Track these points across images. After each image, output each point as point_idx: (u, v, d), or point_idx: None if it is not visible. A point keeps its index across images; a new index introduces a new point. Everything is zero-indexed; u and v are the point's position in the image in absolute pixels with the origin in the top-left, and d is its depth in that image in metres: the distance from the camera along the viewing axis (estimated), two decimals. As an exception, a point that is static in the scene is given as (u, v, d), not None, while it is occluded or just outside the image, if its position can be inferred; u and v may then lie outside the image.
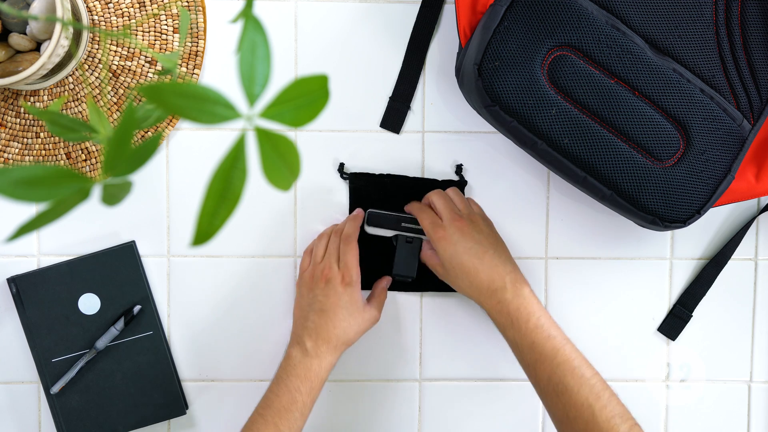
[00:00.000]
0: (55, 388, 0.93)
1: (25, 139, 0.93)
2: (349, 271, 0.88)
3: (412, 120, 0.94)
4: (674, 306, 0.96)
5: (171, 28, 0.92)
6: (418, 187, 0.94)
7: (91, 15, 0.91)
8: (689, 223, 0.85)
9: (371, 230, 0.93)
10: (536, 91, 0.83)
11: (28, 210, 0.93)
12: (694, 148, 0.84)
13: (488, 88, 0.83)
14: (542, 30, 0.83)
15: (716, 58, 0.85)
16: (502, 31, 0.82)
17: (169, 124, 0.93)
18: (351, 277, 0.88)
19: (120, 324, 0.93)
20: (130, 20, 0.91)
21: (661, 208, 0.84)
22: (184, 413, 0.95)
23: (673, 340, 0.96)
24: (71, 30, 0.86)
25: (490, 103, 0.83)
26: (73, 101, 0.92)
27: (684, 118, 0.84)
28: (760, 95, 0.85)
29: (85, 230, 0.94)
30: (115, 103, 0.92)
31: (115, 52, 0.92)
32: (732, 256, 0.95)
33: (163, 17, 0.92)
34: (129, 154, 0.48)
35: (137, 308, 0.93)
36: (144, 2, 0.91)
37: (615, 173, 0.84)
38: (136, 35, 0.92)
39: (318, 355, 0.86)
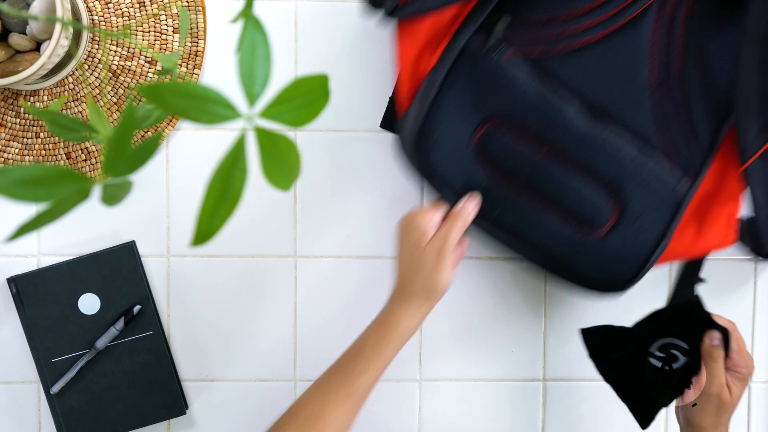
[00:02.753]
0: (55, 388, 0.93)
1: (25, 139, 0.93)
2: (449, 243, 0.82)
3: (412, 120, 0.94)
4: None
5: (171, 28, 0.92)
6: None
7: (91, 15, 0.91)
8: (627, 289, 0.85)
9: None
10: (467, 164, 0.83)
11: (28, 210, 0.93)
12: (628, 216, 0.83)
13: (424, 162, 0.83)
14: (475, 102, 0.82)
15: (654, 118, 0.84)
16: (438, 103, 0.82)
17: (169, 124, 0.93)
18: (447, 248, 0.82)
19: (120, 324, 0.93)
20: (130, 20, 0.91)
21: (595, 277, 0.84)
22: (184, 413, 0.95)
23: None
24: (71, 30, 0.86)
25: (426, 175, 0.84)
26: (73, 101, 0.92)
27: (617, 185, 0.83)
28: (699, 153, 0.84)
29: (85, 230, 0.94)
30: (115, 103, 0.92)
31: (115, 52, 0.92)
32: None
33: (163, 17, 0.92)
34: (129, 154, 0.48)
35: (137, 308, 0.93)
36: (144, 2, 0.91)
37: (547, 246, 0.84)
38: (136, 35, 0.92)
39: (425, 312, 0.84)
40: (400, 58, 0.85)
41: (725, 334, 0.81)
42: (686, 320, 0.83)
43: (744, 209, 0.87)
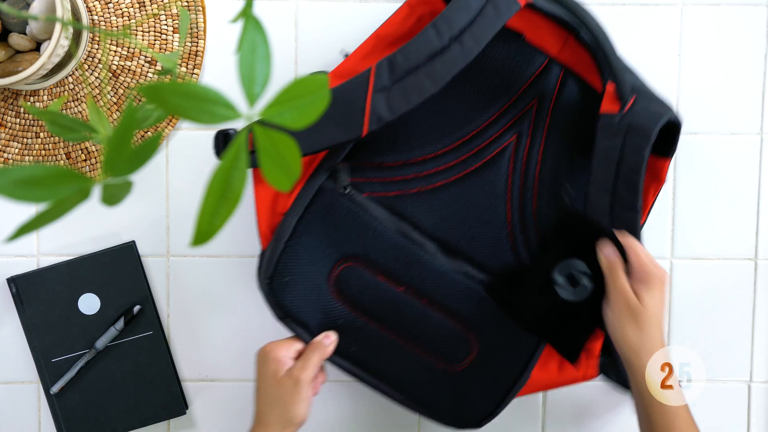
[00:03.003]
0: (55, 388, 0.93)
1: (25, 139, 0.93)
2: (304, 370, 0.82)
3: (412, 120, 0.94)
4: None
5: (171, 28, 0.92)
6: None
7: (91, 15, 0.91)
8: (483, 425, 0.85)
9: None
10: (323, 303, 0.84)
11: (28, 210, 0.93)
12: (487, 352, 0.84)
13: (278, 303, 0.84)
14: (331, 242, 0.83)
15: (513, 256, 0.84)
16: (293, 244, 0.83)
17: (169, 124, 0.93)
18: (302, 375, 0.81)
19: (120, 324, 0.93)
20: (130, 20, 0.91)
21: (453, 413, 0.84)
22: (184, 413, 0.95)
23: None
24: (71, 30, 0.86)
25: (282, 315, 0.84)
26: (73, 101, 0.92)
27: (474, 322, 0.83)
28: None
29: (85, 230, 0.94)
30: (115, 103, 0.92)
31: (115, 52, 0.92)
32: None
33: (163, 17, 0.92)
34: (129, 154, 0.48)
35: (137, 308, 0.93)
36: (144, 2, 0.91)
37: (404, 380, 0.84)
38: (136, 35, 0.92)
39: None
40: (257, 201, 0.85)
41: (614, 239, 0.77)
42: (574, 234, 0.80)
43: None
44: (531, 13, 0.83)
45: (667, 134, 0.82)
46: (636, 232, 0.79)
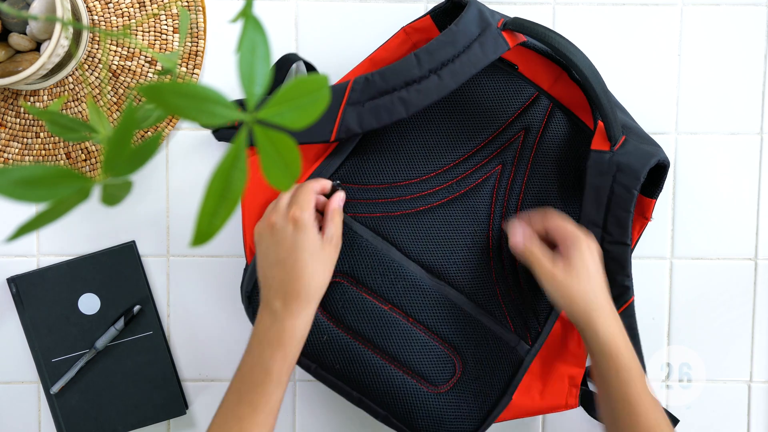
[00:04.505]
0: (55, 388, 0.93)
1: (25, 139, 0.93)
2: (299, 208, 0.76)
3: (412, 120, 0.94)
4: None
5: (171, 28, 0.92)
6: None
7: (91, 15, 0.91)
8: None
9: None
10: None
11: (28, 210, 0.93)
12: (469, 374, 0.84)
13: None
14: None
15: (491, 284, 0.85)
16: None
17: (169, 124, 0.93)
18: (299, 213, 0.76)
19: (120, 324, 0.93)
20: (130, 20, 0.91)
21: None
22: (184, 413, 0.95)
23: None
24: (71, 30, 0.86)
25: None
26: (73, 101, 0.92)
27: (458, 344, 0.84)
28: (537, 318, 0.86)
29: (85, 230, 0.94)
30: (115, 103, 0.92)
31: (115, 52, 0.92)
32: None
33: (163, 17, 0.92)
34: (129, 154, 0.48)
35: (137, 308, 0.93)
36: (144, 2, 0.91)
37: (388, 398, 0.84)
38: (136, 35, 0.92)
39: (290, 315, 0.75)
40: (244, 214, 0.85)
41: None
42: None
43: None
44: (524, 49, 0.85)
45: (654, 175, 0.84)
46: (626, 264, 0.83)
